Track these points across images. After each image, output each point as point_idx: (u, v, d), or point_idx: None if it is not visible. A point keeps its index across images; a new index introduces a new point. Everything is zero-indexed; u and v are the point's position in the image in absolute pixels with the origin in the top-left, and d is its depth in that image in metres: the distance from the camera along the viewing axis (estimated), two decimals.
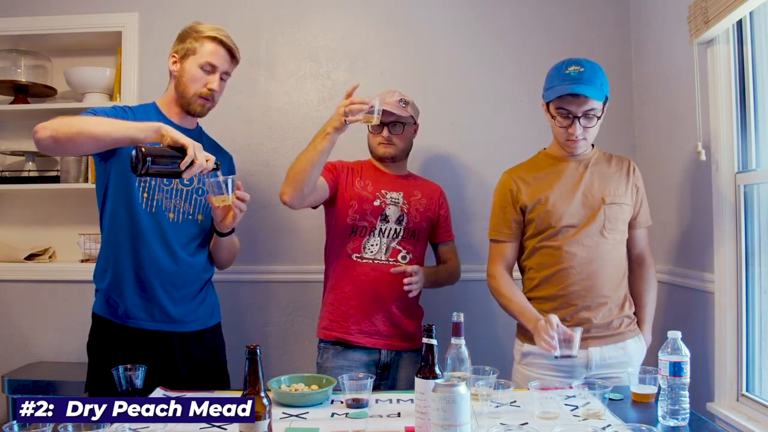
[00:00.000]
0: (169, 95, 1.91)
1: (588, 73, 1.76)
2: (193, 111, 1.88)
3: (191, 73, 1.84)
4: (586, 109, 1.77)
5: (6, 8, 2.74)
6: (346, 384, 1.52)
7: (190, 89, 1.85)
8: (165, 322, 1.85)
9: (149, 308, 1.83)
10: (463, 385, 1.19)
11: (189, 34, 1.86)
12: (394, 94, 2.10)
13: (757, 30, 1.88)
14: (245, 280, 2.70)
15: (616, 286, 1.84)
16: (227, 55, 1.88)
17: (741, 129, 1.92)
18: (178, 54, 1.87)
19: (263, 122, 2.72)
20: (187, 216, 1.88)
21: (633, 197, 1.89)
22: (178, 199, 1.86)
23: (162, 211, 1.83)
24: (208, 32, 1.85)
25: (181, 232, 1.87)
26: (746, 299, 1.90)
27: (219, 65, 1.86)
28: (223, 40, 1.86)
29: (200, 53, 1.84)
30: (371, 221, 2.07)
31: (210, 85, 1.85)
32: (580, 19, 2.67)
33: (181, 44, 1.87)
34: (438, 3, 2.71)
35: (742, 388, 1.90)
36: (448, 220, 2.25)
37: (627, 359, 1.81)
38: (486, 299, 2.02)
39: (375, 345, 2.05)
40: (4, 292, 2.76)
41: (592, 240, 1.82)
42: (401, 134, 2.11)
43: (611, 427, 1.34)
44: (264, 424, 1.20)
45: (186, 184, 1.87)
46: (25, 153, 2.80)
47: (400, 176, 2.18)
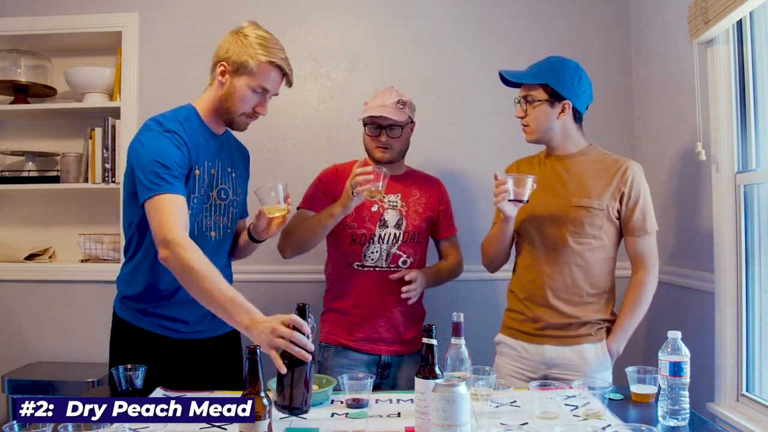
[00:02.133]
0: (210, 102, 1.74)
1: (539, 63, 1.84)
2: (236, 128, 1.77)
3: (242, 93, 1.68)
4: (524, 94, 1.85)
5: (6, 8, 2.74)
6: (346, 384, 1.52)
7: (238, 109, 1.70)
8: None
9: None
10: (463, 385, 1.19)
11: (248, 50, 1.66)
12: (391, 94, 2.05)
13: (757, 30, 1.88)
14: (246, 280, 2.69)
15: (578, 291, 1.81)
16: (281, 79, 1.73)
17: (741, 129, 1.92)
18: (230, 66, 1.68)
19: (263, 122, 2.69)
20: (227, 230, 1.81)
21: (614, 202, 1.79)
22: (218, 215, 1.77)
23: (203, 232, 1.73)
24: (273, 57, 1.67)
25: (222, 247, 1.80)
26: (746, 299, 1.90)
27: (272, 91, 1.72)
28: (285, 69, 1.71)
29: (257, 77, 1.67)
30: (370, 228, 2.04)
31: (258, 109, 1.72)
32: (580, 19, 2.67)
33: (236, 57, 1.67)
34: (438, 3, 2.71)
35: (742, 388, 1.90)
36: (450, 215, 2.21)
37: (582, 363, 1.79)
38: (486, 299, 2.02)
39: (378, 351, 2.05)
40: (4, 292, 2.76)
41: (546, 241, 1.84)
42: (399, 137, 2.06)
43: (611, 427, 1.34)
44: (264, 424, 1.20)
45: (223, 198, 1.78)
46: (25, 153, 2.80)
47: (397, 176, 2.12)
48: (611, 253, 1.84)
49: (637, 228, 1.81)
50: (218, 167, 1.76)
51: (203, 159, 1.71)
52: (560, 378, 1.77)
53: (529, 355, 1.85)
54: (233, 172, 1.81)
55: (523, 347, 1.86)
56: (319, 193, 2.10)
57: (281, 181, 1.70)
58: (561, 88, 1.79)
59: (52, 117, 2.84)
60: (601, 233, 1.80)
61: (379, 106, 2.02)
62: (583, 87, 1.82)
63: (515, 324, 1.90)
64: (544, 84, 1.80)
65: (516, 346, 1.88)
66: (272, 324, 1.35)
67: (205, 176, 1.71)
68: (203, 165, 1.71)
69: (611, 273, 1.86)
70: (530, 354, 1.85)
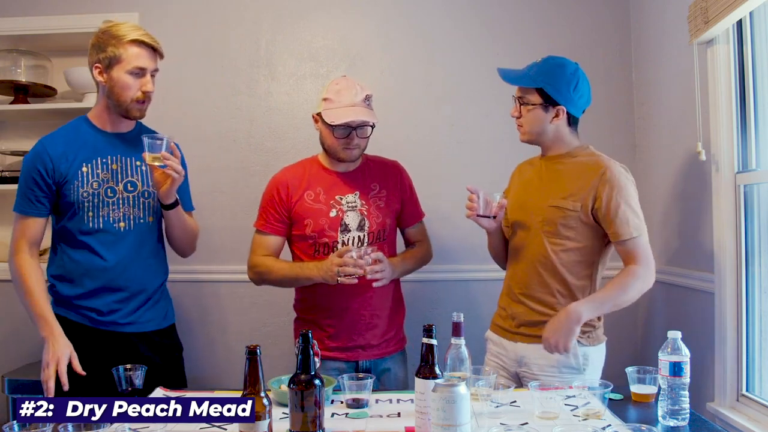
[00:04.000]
0: (100, 106, 1.87)
1: (537, 64, 1.83)
2: (132, 116, 1.85)
3: (122, 81, 1.79)
4: (519, 95, 1.85)
5: (6, 8, 2.74)
6: (346, 384, 1.52)
7: (126, 97, 1.80)
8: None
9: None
10: (463, 385, 1.19)
11: (107, 42, 1.78)
12: (356, 90, 1.90)
13: (757, 30, 1.88)
14: (246, 280, 2.70)
15: (550, 290, 1.79)
16: (152, 53, 1.82)
17: (741, 129, 1.92)
18: (101, 64, 1.79)
19: (263, 122, 2.72)
20: (139, 221, 1.87)
21: (589, 204, 1.74)
22: (127, 206, 1.85)
23: (110, 224, 1.83)
24: (128, 36, 1.78)
25: (138, 238, 1.87)
26: (746, 299, 1.90)
27: (147, 66, 1.81)
28: (145, 40, 1.80)
29: (126, 60, 1.78)
30: (331, 235, 1.94)
31: (144, 88, 1.81)
32: (580, 19, 2.67)
33: (101, 53, 1.79)
34: (438, 3, 2.71)
35: (742, 388, 1.90)
36: (414, 201, 2.10)
37: (549, 363, 1.76)
38: (486, 299, 2.02)
39: (355, 358, 1.97)
40: (4, 292, 2.75)
41: (526, 241, 1.84)
42: (367, 137, 1.96)
43: (611, 427, 1.34)
44: (264, 424, 1.20)
45: (130, 190, 1.86)
46: (25, 153, 2.79)
47: (351, 172, 2.01)
48: (589, 256, 1.79)
49: (619, 234, 1.71)
50: (121, 162, 1.86)
51: (91, 157, 1.83)
52: (528, 378, 1.76)
53: (506, 352, 1.87)
54: (144, 165, 1.86)
55: (502, 344, 1.88)
56: (272, 212, 2.00)
57: (168, 135, 1.78)
58: (556, 95, 1.77)
59: (52, 117, 2.84)
60: (576, 234, 1.77)
61: (349, 106, 1.88)
62: (579, 92, 1.80)
63: (498, 320, 1.93)
64: (539, 88, 1.79)
65: (497, 342, 1.90)
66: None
67: (98, 172, 1.83)
68: (91, 162, 1.83)
69: (590, 276, 1.80)
70: (507, 351, 1.87)
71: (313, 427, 1.23)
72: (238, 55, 2.73)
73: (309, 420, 1.23)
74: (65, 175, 1.81)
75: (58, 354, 1.71)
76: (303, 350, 1.26)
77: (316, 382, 1.24)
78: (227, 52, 2.72)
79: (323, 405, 1.27)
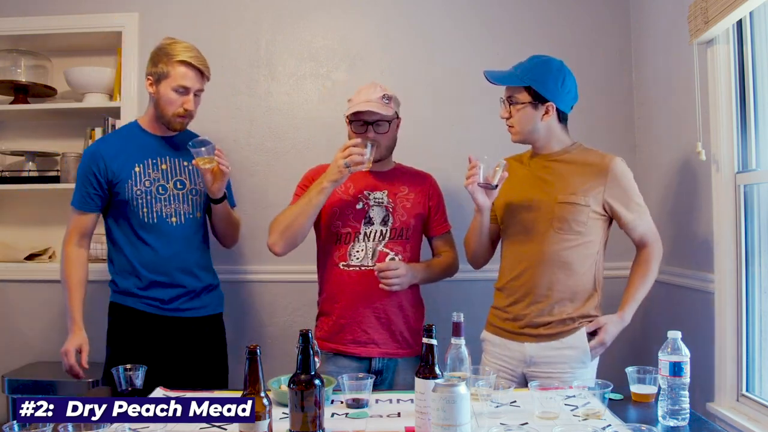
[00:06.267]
0: (150, 113, 2.06)
1: (522, 64, 1.86)
2: (173, 128, 2.04)
3: (167, 96, 1.97)
4: (507, 95, 1.87)
5: (6, 8, 2.74)
6: (346, 384, 1.52)
7: (168, 111, 1.99)
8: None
9: None
10: (463, 385, 1.19)
11: (160, 58, 1.96)
12: (375, 89, 1.99)
13: (757, 30, 1.88)
14: (246, 280, 2.70)
15: (560, 288, 1.81)
16: (199, 75, 1.99)
17: (741, 129, 1.92)
18: (152, 77, 1.98)
19: (263, 122, 2.72)
20: (190, 216, 2.06)
21: (599, 197, 1.80)
22: (177, 203, 2.04)
23: (164, 219, 2.02)
24: (178, 56, 1.95)
25: (187, 232, 2.06)
26: (746, 299, 1.90)
27: (191, 86, 1.98)
28: (193, 63, 1.96)
29: (173, 77, 1.95)
30: (355, 226, 1.98)
31: (185, 106, 1.99)
32: (580, 19, 2.67)
33: (154, 68, 1.97)
34: (438, 3, 2.71)
35: (742, 388, 1.90)
36: (442, 211, 2.13)
37: (561, 360, 1.79)
38: (486, 299, 2.02)
39: (369, 354, 1.97)
40: (4, 292, 2.76)
41: (530, 238, 1.84)
42: (386, 133, 2.00)
43: (611, 427, 1.34)
44: (264, 424, 1.20)
45: (179, 188, 2.05)
46: (25, 153, 2.80)
47: (383, 172, 2.07)
48: (595, 250, 1.83)
49: (630, 220, 1.82)
50: (170, 162, 2.05)
51: (142, 158, 2.02)
52: (538, 376, 1.77)
53: (511, 353, 1.86)
54: (190, 165, 2.04)
55: (505, 345, 1.87)
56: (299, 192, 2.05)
57: (212, 141, 1.94)
58: (544, 91, 1.79)
59: (52, 117, 2.84)
60: (586, 229, 1.81)
61: (365, 101, 1.95)
62: (567, 87, 1.82)
63: (498, 321, 1.92)
64: (527, 86, 1.80)
65: (499, 344, 1.89)
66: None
67: (149, 172, 2.01)
68: (143, 163, 2.01)
69: (597, 271, 1.85)
70: (511, 351, 1.86)
71: (313, 427, 1.23)
72: (238, 55, 2.73)
73: (309, 420, 1.23)
74: (118, 175, 1.98)
75: (68, 347, 2.01)
76: (303, 350, 1.26)
77: (316, 382, 1.24)
78: (227, 52, 2.72)
79: (323, 405, 1.27)
